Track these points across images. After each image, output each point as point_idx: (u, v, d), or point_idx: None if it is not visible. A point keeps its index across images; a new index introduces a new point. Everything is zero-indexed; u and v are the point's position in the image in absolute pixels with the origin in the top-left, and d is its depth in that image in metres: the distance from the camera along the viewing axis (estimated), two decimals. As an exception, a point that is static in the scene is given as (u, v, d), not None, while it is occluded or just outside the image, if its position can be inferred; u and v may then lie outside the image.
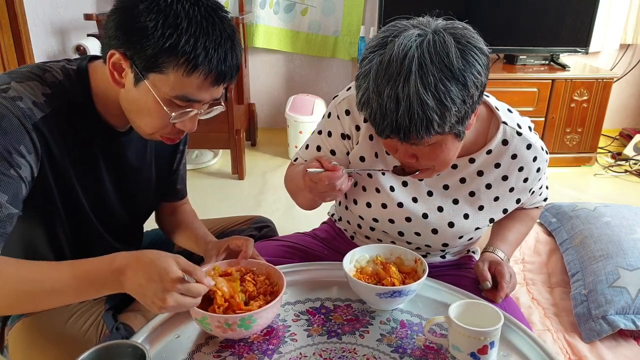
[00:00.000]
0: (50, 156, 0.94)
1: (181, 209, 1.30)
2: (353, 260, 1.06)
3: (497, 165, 1.09)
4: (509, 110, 1.11)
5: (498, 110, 1.08)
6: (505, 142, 1.07)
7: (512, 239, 1.23)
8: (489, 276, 1.11)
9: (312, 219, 1.55)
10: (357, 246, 1.09)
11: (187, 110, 0.92)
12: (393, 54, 0.84)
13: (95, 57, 1.00)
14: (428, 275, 1.00)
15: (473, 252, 1.34)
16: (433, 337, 0.94)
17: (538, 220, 2.03)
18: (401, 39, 0.85)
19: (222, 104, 1.01)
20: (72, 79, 0.96)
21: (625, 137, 3.57)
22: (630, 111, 3.92)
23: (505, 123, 1.07)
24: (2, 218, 0.85)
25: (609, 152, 3.42)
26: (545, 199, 1.27)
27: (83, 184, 1.02)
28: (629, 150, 3.32)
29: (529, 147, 1.08)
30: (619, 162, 3.28)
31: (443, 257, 1.26)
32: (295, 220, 2.48)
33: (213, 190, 2.84)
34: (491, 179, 1.10)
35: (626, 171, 3.17)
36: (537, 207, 1.29)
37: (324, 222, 1.44)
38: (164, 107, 0.90)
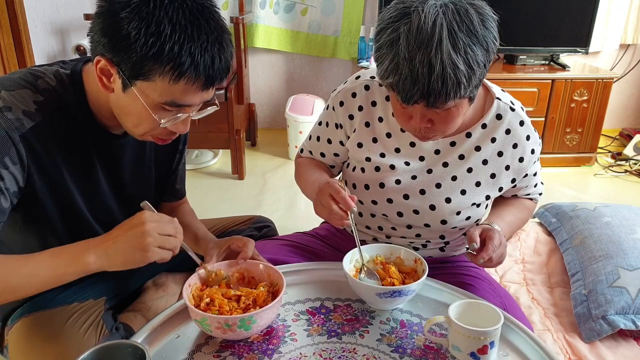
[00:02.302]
0: (41, 166, 0.93)
1: (180, 209, 1.30)
2: (353, 260, 1.07)
3: (493, 140, 1.13)
4: (502, 90, 1.17)
5: (492, 88, 1.15)
6: (499, 117, 1.12)
7: (509, 219, 1.20)
8: (477, 239, 1.05)
9: (313, 219, 1.54)
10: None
11: (177, 115, 0.91)
12: (421, 21, 0.88)
13: (90, 59, 0.99)
14: (428, 274, 1.00)
15: (473, 251, 1.34)
16: (433, 337, 0.94)
17: (538, 220, 2.03)
18: (426, 7, 0.89)
19: (216, 103, 1.00)
20: (66, 84, 0.95)
21: (625, 137, 3.56)
22: (630, 111, 3.92)
23: (499, 99, 1.13)
24: None
25: (609, 152, 3.42)
26: (540, 194, 1.28)
27: (81, 189, 1.02)
28: (629, 150, 3.31)
29: (521, 123, 1.13)
30: (619, 162, 3.27)
31: (442, 249, 1.26)
32: (295, 220, 2.48)
33: (213, 190, 2.84)
34: (487, 154, 1.13)
35: (626, 171, 3.17)
36: (532, 199, 1.29)
37: (324, 222, 1.44)
38: (153, 114, 0.89)
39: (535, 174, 1.22)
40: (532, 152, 1.15)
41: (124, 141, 1.05)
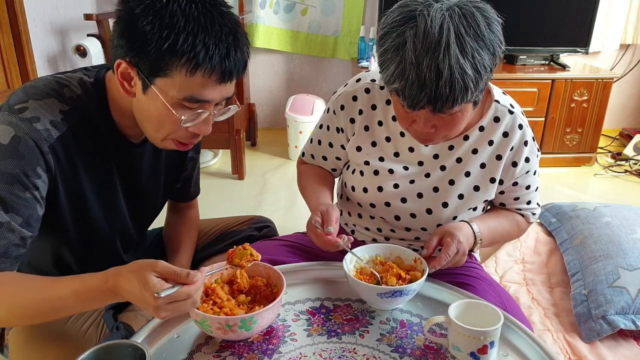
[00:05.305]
0: (65, 174, 0.93)
1: (184, 214, 1.31)
2: (353, 260, 1.06)
3: (490, 143, 1.11)
4: (503, 93, 1.15)
5: (493, 89, 1.13)
6: (497, 119, 1.11)
7: (491, 224, 1.18)
8: (430, 246, 1.05)
9: (312, 219, 1.54)
10: (358, 241, 1.09)
11: (198, 112, 0.91)
12: (427, 25, 0.86)
13: (111, 67, 0.99)
14: (427, 275, 1.00)
15: (472, 251, 1.33)
16: (433, 337, 0.94)
17: (538, 220, 2.03)
18: (431, 11, 0.87)
19: (237, 102, 0.98)
20: (90, 92, 0.96)
21: (625, 137, 3.57)
22: (630, 111, 3.92)
23: (497, 101, 1.11)
24: (15, 242, 0.87)
25: (609, 152, 3.42)
26: (534, 214, 1.23)
27: (98, 196, 1.02)
28: (629, 150, 3.32)
29: (520, 127, 1.11)
30: (619, 162, 3.27)
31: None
32: (295, 220, 2.48)
33: (213, 190, 2.84)
34: (485, 157, 1.12)
35: (626, 171, 3.17)
36: (524, 216, 1.23)
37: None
38: (174, 112, 0.89)
39: (528, 188, 1.17)
40: (527, 160, 1.12)
41: (142, 149, 1.06)
